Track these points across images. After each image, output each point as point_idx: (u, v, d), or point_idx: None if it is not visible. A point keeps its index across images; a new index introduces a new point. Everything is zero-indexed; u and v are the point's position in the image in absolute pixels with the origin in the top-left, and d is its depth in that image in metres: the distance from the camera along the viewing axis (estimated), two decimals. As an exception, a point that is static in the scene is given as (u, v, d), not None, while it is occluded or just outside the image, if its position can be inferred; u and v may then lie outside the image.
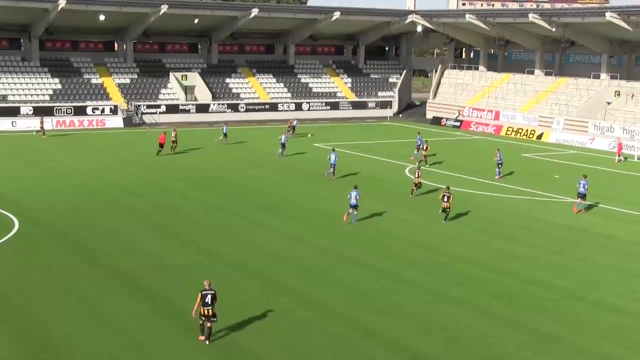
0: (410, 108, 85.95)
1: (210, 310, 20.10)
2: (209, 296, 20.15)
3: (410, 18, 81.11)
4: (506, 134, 68.09)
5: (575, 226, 34.15)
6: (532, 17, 69.83)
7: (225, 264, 27.11)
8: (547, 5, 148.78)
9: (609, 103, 66.19)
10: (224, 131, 57.20)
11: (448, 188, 34.87)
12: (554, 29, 69.52)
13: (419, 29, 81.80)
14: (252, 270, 26.56)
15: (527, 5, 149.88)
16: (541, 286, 25.61)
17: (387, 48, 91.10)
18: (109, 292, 23.90)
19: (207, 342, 20.14)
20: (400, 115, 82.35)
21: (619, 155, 54.89)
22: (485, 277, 26.52)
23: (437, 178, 44.55)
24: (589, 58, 74.95)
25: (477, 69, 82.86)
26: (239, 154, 52.55)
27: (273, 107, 76.65)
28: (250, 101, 76.39)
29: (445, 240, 31.22)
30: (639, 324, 22.51)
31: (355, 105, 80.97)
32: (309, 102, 78.94)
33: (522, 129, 67.66)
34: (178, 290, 23.97)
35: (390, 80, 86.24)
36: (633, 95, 65.32)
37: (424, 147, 49.46)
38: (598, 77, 70.84)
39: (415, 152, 51.23)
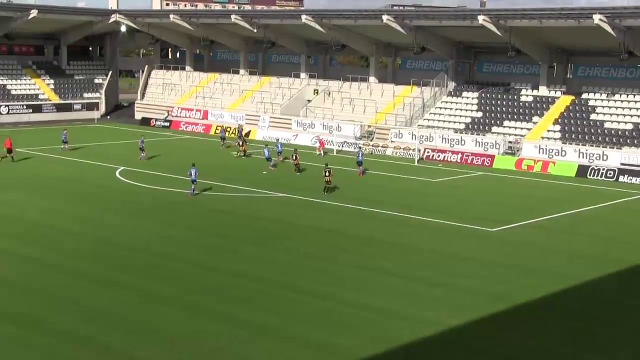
0: (119, 109, 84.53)
1: None
2: None
3: (113, 18, 79.53)
4: (215, 132, 69.35)
5: (281, 219, 35.77)
6: (234, 18, 71.82)
7: None
8: (249, 7, 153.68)
9: (309, 101, 70.18)
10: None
11: (327, 165, 42.46)
12: (255, 30, 72.11)
13: (123, 28, 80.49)
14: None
15: (230, 6, 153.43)
16: (249, 278, 26.52)
17: (91, 48, 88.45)
18: None
19: None
20: (109, 117, 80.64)
21: (319, 150, 58.52)
22: (196, 274, 26.91)
23: (143, 178, 44.41)
24: (289, 58, 78.77)
25: (184, 69, 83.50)
26: None
27: (-33, 111, 71.40)
28: (-60, 106, 70.38)
29: (154, 241, 31.21)
30: (337, 305, 24.01)
31: (60, 108, 77.87)
32: (8, 106, 74.51)
33: (231, 128, 69.36)
34: None
35: (96, 81, 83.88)
36: (330, 93, 69.90)
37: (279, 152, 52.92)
38: (298, 76, 74.75)
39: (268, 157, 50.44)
